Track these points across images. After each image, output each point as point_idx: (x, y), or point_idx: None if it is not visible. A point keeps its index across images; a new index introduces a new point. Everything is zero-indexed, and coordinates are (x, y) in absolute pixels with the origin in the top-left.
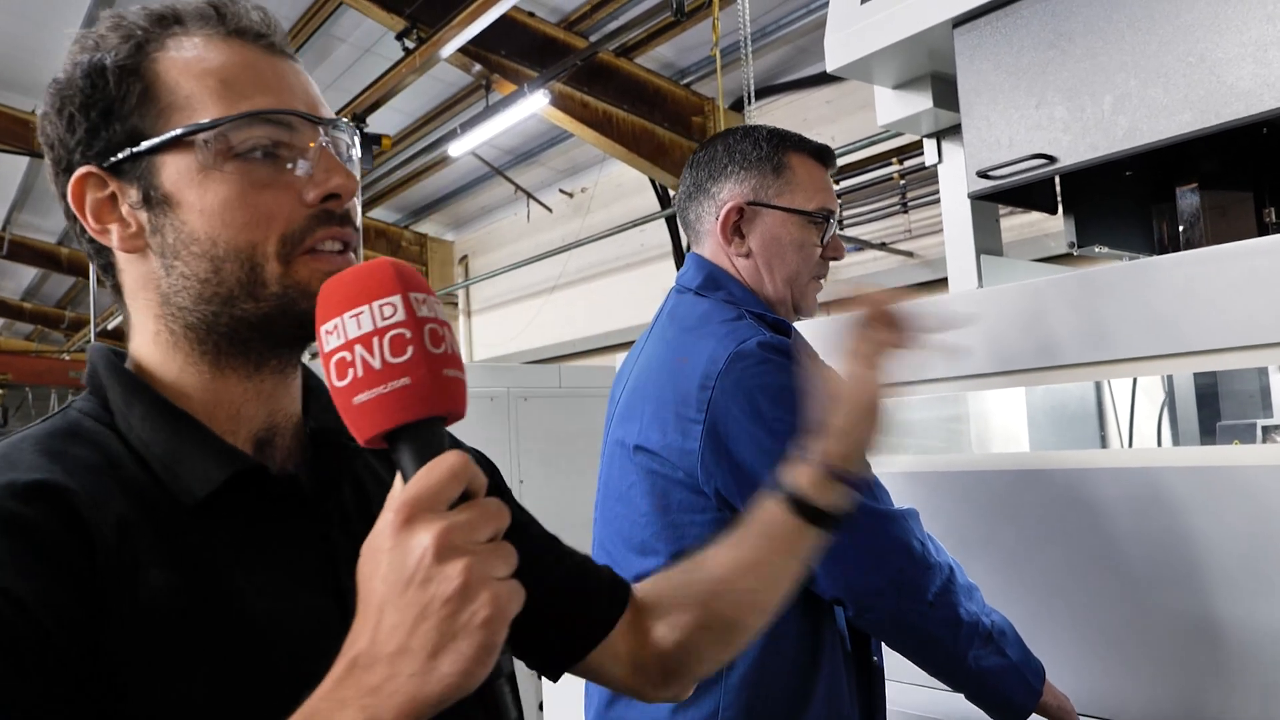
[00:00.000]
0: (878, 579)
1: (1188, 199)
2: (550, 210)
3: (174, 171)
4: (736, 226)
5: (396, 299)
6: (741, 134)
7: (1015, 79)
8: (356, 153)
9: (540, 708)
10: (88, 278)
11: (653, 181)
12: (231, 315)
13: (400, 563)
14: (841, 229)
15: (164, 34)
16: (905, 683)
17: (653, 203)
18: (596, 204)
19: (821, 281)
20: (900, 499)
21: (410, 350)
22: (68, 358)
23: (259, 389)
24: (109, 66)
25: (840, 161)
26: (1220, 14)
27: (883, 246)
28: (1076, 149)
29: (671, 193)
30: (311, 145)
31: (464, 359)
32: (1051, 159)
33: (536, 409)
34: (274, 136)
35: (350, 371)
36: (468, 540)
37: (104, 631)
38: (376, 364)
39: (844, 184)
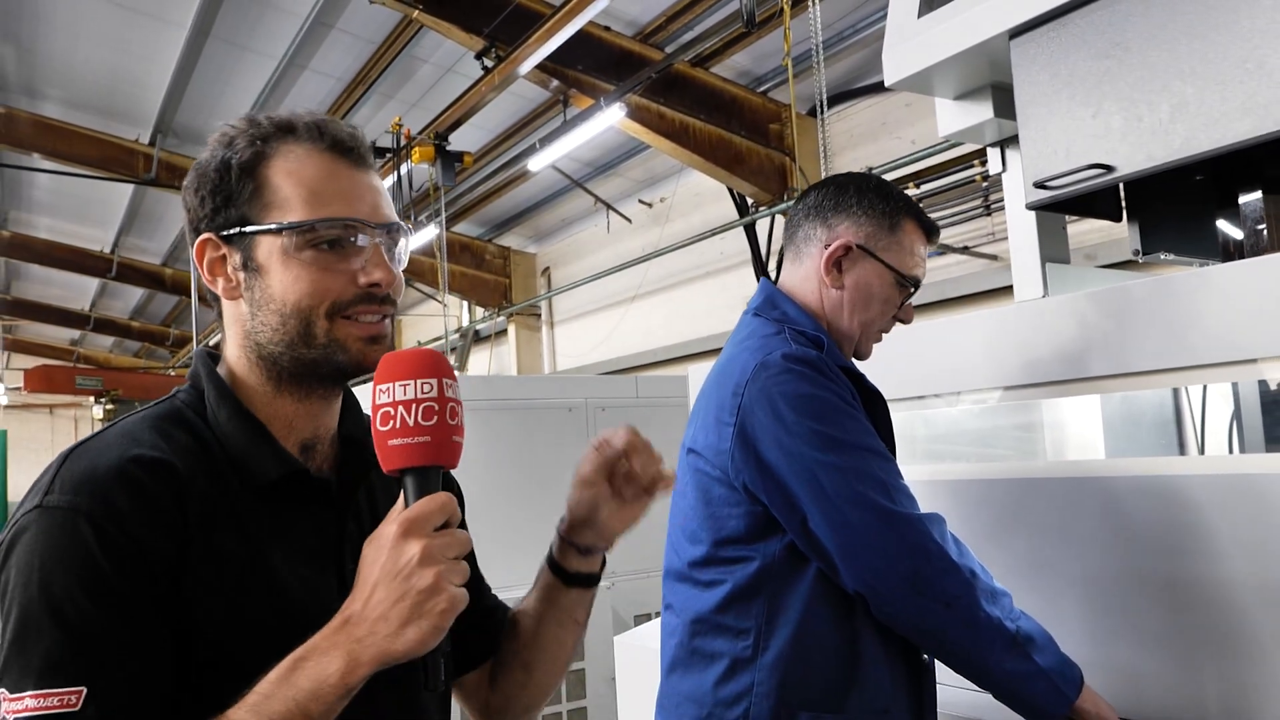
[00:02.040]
0: (891, 577)
1: (1252, 205)
2: (630, 221)
3: (266, 249)
4: (839, 262)
5: (434, 381)
6: (876, 184)
7: (1072, 89)
8: (405, 243)
9: (613, 679)
10: (190, 297)
11: (730, 190)
12: (291, 355)
13: (395, 560)
14: None
15: (280, 141)
16: (958, 687)
17: (731, 211)
18: (675, 213)
19: (885, 336)
20: (961, 506)
21: (435, 419)
22: (173, 374)
23: (308, 409)
24: (234, 166)
25: (921, 165)
26: (1277, 20)
27: (965, 250)
28: (1134, 158)
29: (749, 200)
30: (367, 244)
31: (546, 370)
32: (1109, 168)
33: (614, 418)
34: (337, 235)
35: (391, 422)
36: (441, 555)
37: (186, 572)
38: (410, 422)
39: (925, 187)
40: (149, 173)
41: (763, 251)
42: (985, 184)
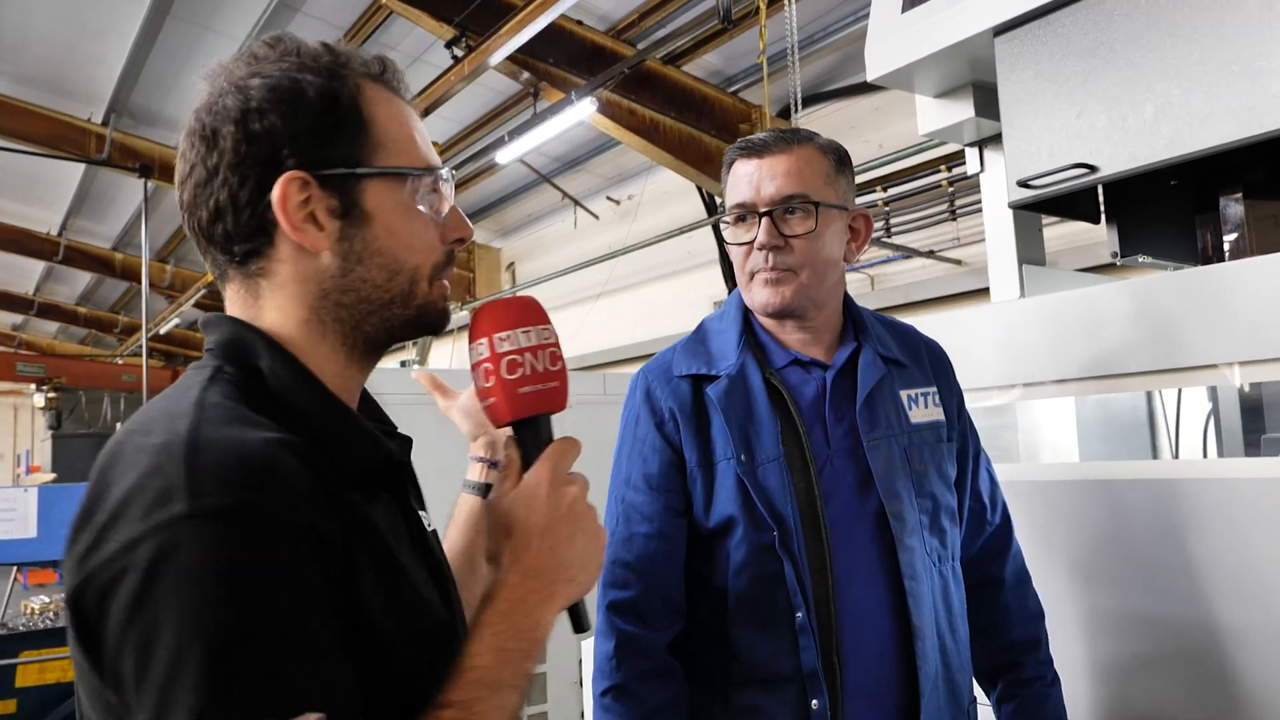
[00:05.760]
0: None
1: (1232, 208)
2: (597, 217)
3: (376, 196)
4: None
5: (550, 327)
6: None
7: (1056, 88)
8: None
9: (577, 682)
10: (140, 283)
11: (699, 188)
12: (381, 316)
13: (554, 504)
14: (889, 236)
15: (368, 79)
16: None
17: (699, 209)
18: (643, 211)
19: (761, 275)
20: None
21: (559, 364)
22: (121, 362)
23: (362, 377)
24: (343, 99)
25: (888, 169)
26: (1263, 23)
27: (931, 254)
28: (1118, 158)
29: (717, 200)
30: (451, 196)
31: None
32: (1092, 168)
33: (580, 416)
34: (441, 187)
35: (520, 369)
36: (586, 494)
37: (353, 566)
38: (540, 368)
39: (892, 191)
40: (101, 153)
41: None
42: (951, 189)
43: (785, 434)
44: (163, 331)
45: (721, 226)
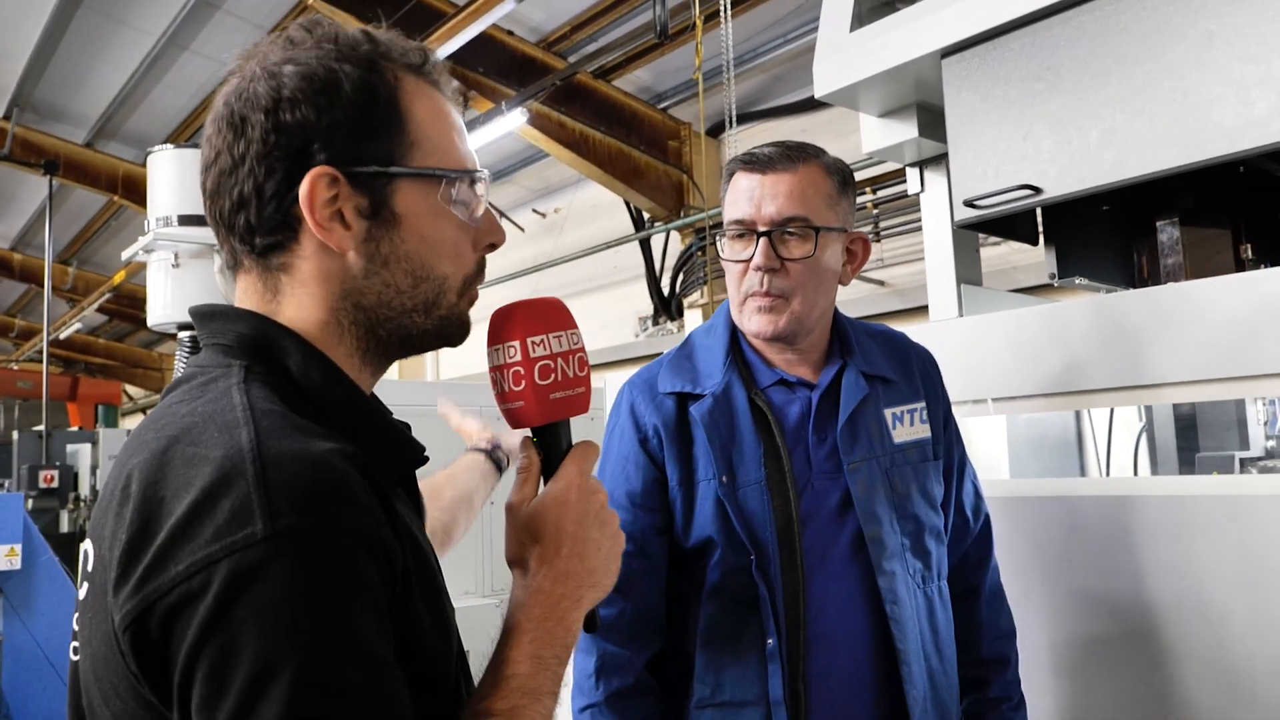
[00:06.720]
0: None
1: (1167, 233)
2: (523, 230)
3: (408, 198)
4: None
5: (577, 331)
6: None
7: (1002, 110)
8: None
9: None
10: (41, 285)
11: (627, 204)
12: (400, 324)
13: (585, 509)
14: None
15: (399, 68)
16: None
17: (626, 224)
18: (570, 225)
19: (754, 300)
20: None
21: (586, 370)
22: (16, 367)
23: (372, 382)
24: (380, 93)
25: None
26: (1205, 52)
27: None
28: (1063, 181)
29: (646, 215)
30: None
31: (431, 378)
32: (1037, 190)
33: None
34: (477, 189)
35: (552, 375)
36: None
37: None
38: (570, 374)
39: None
40: (3, 149)
41: (657, 266)
42: (876, 211)
43: (768, 456)
44: (63, 336)
45: (718, 240)
